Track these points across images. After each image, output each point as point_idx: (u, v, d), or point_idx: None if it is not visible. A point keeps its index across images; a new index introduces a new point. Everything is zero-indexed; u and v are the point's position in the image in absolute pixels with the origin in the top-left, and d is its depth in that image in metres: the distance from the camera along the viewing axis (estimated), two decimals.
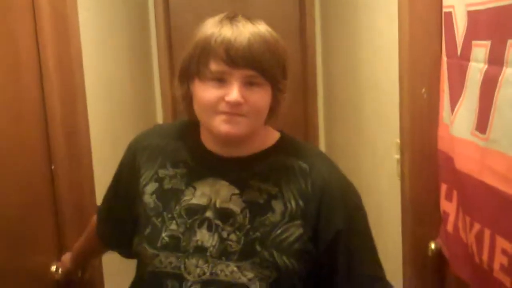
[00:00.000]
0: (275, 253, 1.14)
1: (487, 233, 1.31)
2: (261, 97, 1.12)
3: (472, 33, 1.37)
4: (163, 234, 1.17)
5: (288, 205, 1.16)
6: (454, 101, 1.49)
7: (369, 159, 2.37)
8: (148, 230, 1.18)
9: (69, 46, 1.65)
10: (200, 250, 1.15)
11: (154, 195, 1.20)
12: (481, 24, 1.33)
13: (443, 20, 1.57)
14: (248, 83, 1.11)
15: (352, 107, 2.64)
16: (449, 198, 1.59)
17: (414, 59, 1.67)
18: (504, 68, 1.20)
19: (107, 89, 2.16)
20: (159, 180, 1.21)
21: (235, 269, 1.13)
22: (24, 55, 1.50)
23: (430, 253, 1.72)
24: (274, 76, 1.13)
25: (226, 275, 1.13)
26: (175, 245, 1.16)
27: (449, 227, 1.59)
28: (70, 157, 1.65)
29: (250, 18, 1.14)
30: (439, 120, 1.63)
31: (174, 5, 3.42)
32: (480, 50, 1.32)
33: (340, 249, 1.16)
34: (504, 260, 1.23)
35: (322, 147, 3.41)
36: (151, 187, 1.21)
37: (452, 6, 1.49)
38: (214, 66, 1.10)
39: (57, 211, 1.61)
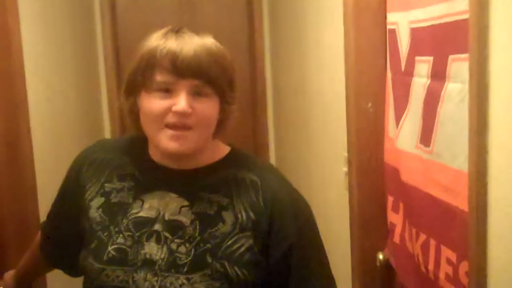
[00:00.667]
0: (226, 264, 1.13)
1: (432, 243, 1.34)
2: (209, 107, 1.12)
3: (415, 49, 1.42)
4: (109, 248, 1.14)
5: (239, 216, 1.15)
6: (399, 115, 1.53)
7: (318, 172, 2.40)
8: (93, 245, 1.16)
9: (10, 59, 1.62)
10: (149, 263, 1.13)
11: (100, 209, 1.18)
12: (423, 40, 1.37)
13: (387, 36, 1.61)
14: (196, 94, 1.11)
15: (301, 121, 2.66)
16: (395, 209, 1.62)
17: (359, 73, 1.71)
18: (446, 83, 1.24)
19: (51, 101, 2.12)
20: (105, 194, 1.19)
21: (185, 281, 1.12)
22: None
23: (378, 264, 1.75)
24: (221, 86, 1.13)
25: None
26: (122, 259, 1.13)
27: (396, 238, 1.62)
28: (11, 171, 1.61)
29: (195, 31, 1.16)
30: (385, 134, 1.67)
31: (121, 15, 3.38)
32: (423, 66, 1.36)
33: (292, 262, 1.16)
34: (449, 270, 1.26)
35: (273, 160, 3.43)
36: (97, 201, 1.19)
37: (396, 23, 1.53)
38: (159, 77, 1.10)
39: None
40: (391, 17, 1.57)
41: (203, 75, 1.10)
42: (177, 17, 3.32)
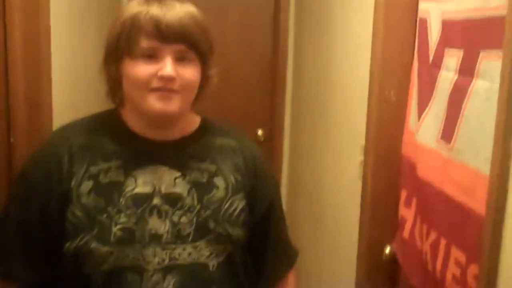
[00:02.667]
0: (227, 227, 1.19)
1: (442, 242, 1.31)
2: (192, 72, 1.15)
3: (446, 41, 1.37)
4: (114, 229, 1.12)
5: (229, 180, 1.22)
6: (421, 108, 1.49)
7: (333, 159, 2.36)
8: (96, 230, 1.12)
9: (38, 15, 1.60)
10: (155, 238, 1.14)
11: (92, 193, 1.14)
12: (455, 33, 1.32)
13: (417, 26, 1.56)
14: (180, 59, 1.12)
15: (320, 106, 2.63)
16: (408, 204, 1.59)
17: (385, 62, 1.67)
18: (474, 79, 1.20)
19: (72, 62, 2.11)
20: (93, 177, 1.15)
21: (192, 250, 1.15)
22: None
23: (384, 257, 1.73)
24: (204, 51, 1.16)
25: (184, 258, 1.15)
26: (129, 238, 1.13)
27: (405, 234, 1.59)
28: (31, 131, 1.61)
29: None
30: (405, 126, 1.63)
31: None
32: (452, 59, 1.32)
33: (272, 217, 1.29)
34: (457, 271, 1.23)
35: (286, 143, 3.40)
36: (85, 186, 1.14)
37: (428, 13, 1.48)
38: (145, 43, 1.10)
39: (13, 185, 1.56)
40: (423, 6, 1.52)
41: (187, 39, 1.12)
42: None
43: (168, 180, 1.17)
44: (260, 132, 3.41)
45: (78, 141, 1.18)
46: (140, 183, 1.16)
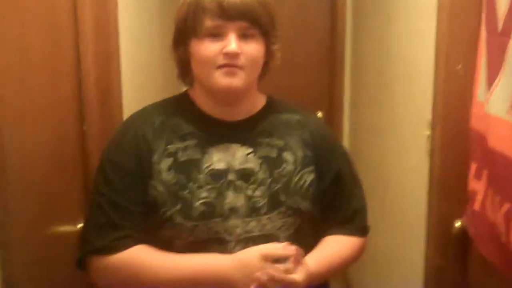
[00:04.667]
0: (297, 199, 1.24)
1: None
2: (256, 48, 1.19)
3: None
4: (196, 204, 1.18)
5: (297, 154, 1.27)
6: (491, 79, 1.46)
7: (396, 135, 2.35)
8: (179, 206, 1.18)
9: (106, 7, 1.68)
10: (233, 211, 1.20)
11: (172, 170, 1.20)
12: None
13: None
14: (242, 36, 1.17)
15: (381, 82, 2.60)
16: (478, 177, 1.57)
17: (452, 33, 1.64)
18: None
19: (138, 50, 2.18)
20: (172, 155, 1.21)
21: (266, 221, 1.21)
22: (61, 16, 1.51)
23: (454, 231, 1.72)
24: (266, 26, 1.20)
25: (260, 230, 1.20)
26: (211, 212, 1.19)
27: (476, 206, 1.57)
28: (103, 118, 1.67)
29: None
30: (473, 98, 1.60)
31: None
32: None
33: (340, 186, 1.33)
34: None
35: (346, 121, 3.39)
36: (165, 163, 1.21)
37: None
38: (209, 22, 1.16)
39: (87, 172, 1.63)
40: None
41: (249, 16, 1.16)
42: None
43: (240, 156, 1.23)
44: (319, 114, 3.42)
45: (158, 120, 1.25)
46: (215, 160, 1.22)
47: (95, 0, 1.62)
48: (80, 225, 1.54)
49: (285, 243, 1.17)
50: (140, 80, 2.19)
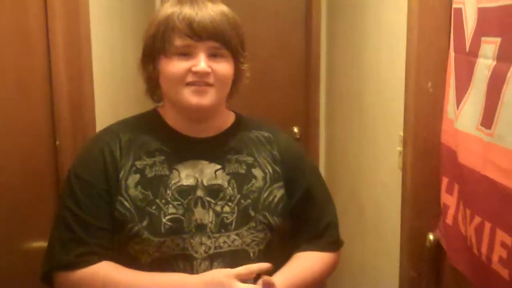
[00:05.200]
0: (267, 215, 1.25)
1: (487, 226, 1.33)
2: (225, 67, 1.21)
3: (482, 30, 1.39)
4: (164, 220, 1.19)
5: (266, 170, 1.28)
6: (460, 96, 1.51)
7: (371, 150, 2.39)
8: (146, 222, 1.18)
9: (79, 20, 1.65)
10: (201, 227, 1.20)
11: (139, 186, 1.21)
12: (491, 21, 1.34)
13: (452, 15, 1.58)
14: (212, 55, 1.18)
15: (355, 98, 2.65)
16: (449, 191, 1.61)
17: (421, 52, 1.69)
18: None
19: (112, 63, 2.16)
20: (139, 171, 1.22)
21: (236, 237, 1.22)
22: (32, 28, 1.50)
23: (428, 244, 1.75)
24: (235, 47, 1.21)
25: (229, 246, 1.21)
26: (178, 228, 1.19)
27: (449, 220, 1.61)
28: (75, 133, 1.65)
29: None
30: (444, 115, 1.65)
31: None
32: (489, 47, 1.33)
33: (311, 201, 1.34)
34: (503, 253, 1.25)
35: (322, 136, 3.43)
36: (132, 179, 1.21)
37: (463, 2, 1.50)
38: (178, 41, 1.17)
39: (59, 187, 1.60)
40: None
41: (219, 37, 1.17)
42: None
43: (209, 172, 1.24)
44: (296, 129, 3.45)
45: (125, 137, 1.25)
46: (183, 176, 1.23)
47: (67, 12, 1.60)
48: None
49: (251, 265, 1.16)
50: (114, 94, 2.17)
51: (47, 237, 1.47)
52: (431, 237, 1.73)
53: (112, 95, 2.14)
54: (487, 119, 1.34)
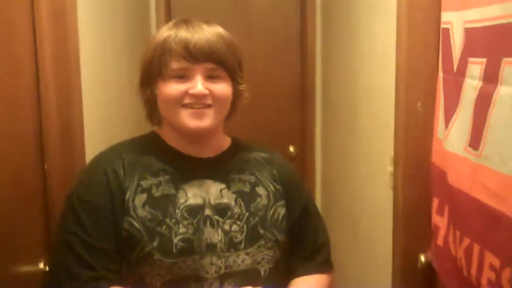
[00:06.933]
0: (275, 232, 1.25)
1: (476, 248, 1.32)
2: (223, 87, 1.21)
3: (469, 50, 1.39)
4: (175, 240, 1.17)
5: (269, 189, 1.29)
6: (448, 117, 1.50)
7: (364, 169, 2.38)
8: (156, 242, 1.16)
9: (67, 43, 1.64)
10: (211, 247, 1.19)
11: (147, 206, 1.19)
12: (477, 41, 1.34)
13: (440, 36, 1.58)
14: (209, 77, 1.18)
15: (349, 117, 2.65)
16: (440, 212, 1.60)
17: (410, 72, 1.69)
18: (498, 86, 1.22)
19: (104, 88, 2.14)
20: (146, 191, 1.20)
21: (245, 256, 1.21)
22: (20, 51, 1.49)
23: (420, 266, 1.73)
24: (233, 67, 1.22)
25: (239, 265, 1.20)
26: (190, 248, 1.18)
27: (440, 241, 1.60)
28: (64, 157, 1.63)
29: (203, 20, 1.23)
30: (434, 134, 1.64)
31: (175, 4, 3.39)
32: (476, 67, 1.33)
33: (306, 221, 1.35)
34: (492, 276, 1.24)
35: (318, 154, 3.42)
36: (139, 199, 1.19)
37: (450, 23, 1.50)
38: (175, 64, 1.17)
39: (48, 211, 1.59)
40: (445, 16, 1.54)
41: (215, 58, 1.17)
42: (230, 7, 3.33)
43: (214, 192, 1.24)
44: (292, 148, 3.45)
45: (128, 157, 1.24)
46: (191, 196, 1.22)
47: (56, 32, 1.59)
48: (41, 264, 1.51)
49: None
50: (105, 118, 2.14)
51: (36, 262, 1.48)
52: (422, 258, 1.72)
53: (103, 119, 2.11)
54: (475, 140, 1.33)
